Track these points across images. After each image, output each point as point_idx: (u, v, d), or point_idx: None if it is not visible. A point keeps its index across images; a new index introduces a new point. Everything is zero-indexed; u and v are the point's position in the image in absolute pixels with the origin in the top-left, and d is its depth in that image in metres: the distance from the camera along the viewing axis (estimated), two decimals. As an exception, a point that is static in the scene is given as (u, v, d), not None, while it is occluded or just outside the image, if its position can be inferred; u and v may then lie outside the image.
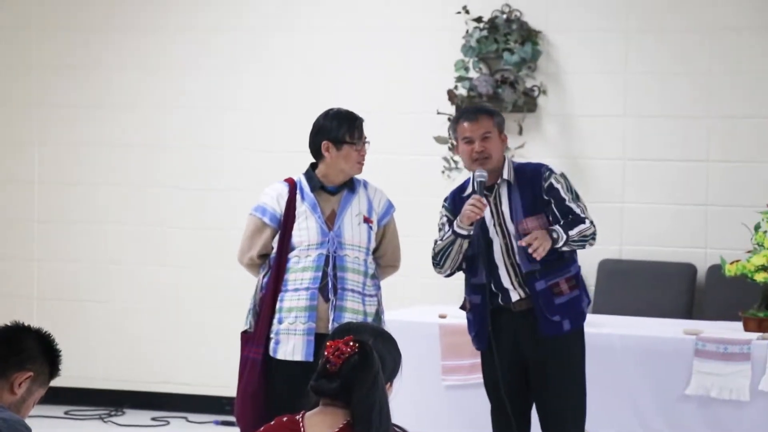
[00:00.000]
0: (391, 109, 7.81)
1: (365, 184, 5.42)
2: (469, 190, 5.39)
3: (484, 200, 5.27)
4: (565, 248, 5.28)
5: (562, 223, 5.29)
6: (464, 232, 5.29)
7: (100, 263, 8.31)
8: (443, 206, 5.50)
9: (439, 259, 5.40)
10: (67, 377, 3.96)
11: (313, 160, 5.38)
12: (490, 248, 5.34)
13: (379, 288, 5.41)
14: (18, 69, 8.43)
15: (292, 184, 5.36)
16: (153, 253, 8.23)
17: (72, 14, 8.33)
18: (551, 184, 5.33)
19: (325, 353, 2.96)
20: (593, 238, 5.34)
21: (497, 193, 5.37)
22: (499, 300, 5.34)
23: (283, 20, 8.02)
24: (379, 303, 5.40)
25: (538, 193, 5.32)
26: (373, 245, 5.38)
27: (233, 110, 8.11)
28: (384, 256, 5.45)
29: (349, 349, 2.94)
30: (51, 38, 8.36)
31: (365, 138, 5.36)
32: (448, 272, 5.43)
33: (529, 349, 5.32)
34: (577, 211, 5.32)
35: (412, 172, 7.77)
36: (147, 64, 8.22)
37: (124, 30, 8.25)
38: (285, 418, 3.02)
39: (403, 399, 4.93)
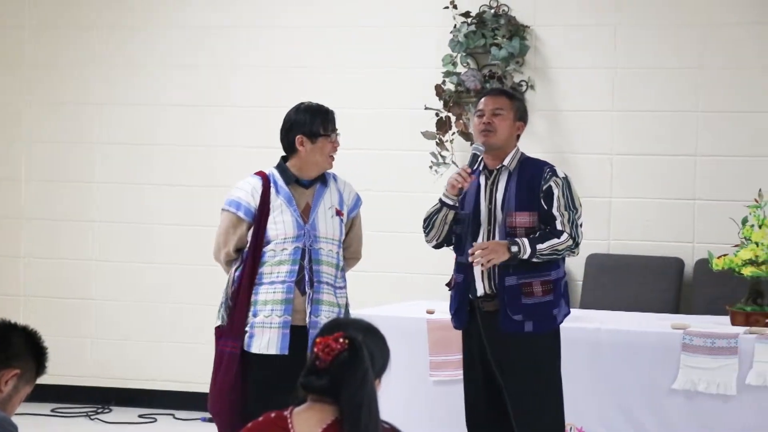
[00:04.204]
0: (378, 104, 7.80)
1: (335, 177, 5.42)
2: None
3: (470, 171, 5.23)
4: (535, 260, 5.20)
5: (537, 234, 5.21)
6: (449, 202, 5.29)
7: (88, 261, 8.29)
8: None
9: (425, 225, 5.38)
10: (53, 375, 3.94)
11: (284, 154, 5.36)
12: (477, 232, 5.31)
13: (346, 280, 5.42)
14: (9, 66, 8.41)
15: (264, 178, 5.33)
16: (140, 250, 8.21)
17: (63, 12, 8.30)
18: (550, 187, 5.24)
19: (315, 350, 2.94)
20: (570, 251, 5.25)
21: (496, 179, 5.33)
22: (468, 292, 5.31)
23: (270, 18, 8.00)
24: (346, 295, 5.41)
25: (535, 190, 5.25)
26: (343, 237, 5.39)
27: (222, 107, 8.08)
28: (350, 247, 5.45)
29: (338, 346, 2.92)
30: (44, 36, 8.35)
31: (337, 130, 5.36)
32: (434, 243, 5.41)
33: (493, 347, 5.27)
34: (558, 221, 5.23)
35: (400, 168, 7.76)
36: (136, 61, 8.20)
37: (114, 27, 8.22)
38: (273, 414, 3.00)
39: (391, 395, 4.92)
